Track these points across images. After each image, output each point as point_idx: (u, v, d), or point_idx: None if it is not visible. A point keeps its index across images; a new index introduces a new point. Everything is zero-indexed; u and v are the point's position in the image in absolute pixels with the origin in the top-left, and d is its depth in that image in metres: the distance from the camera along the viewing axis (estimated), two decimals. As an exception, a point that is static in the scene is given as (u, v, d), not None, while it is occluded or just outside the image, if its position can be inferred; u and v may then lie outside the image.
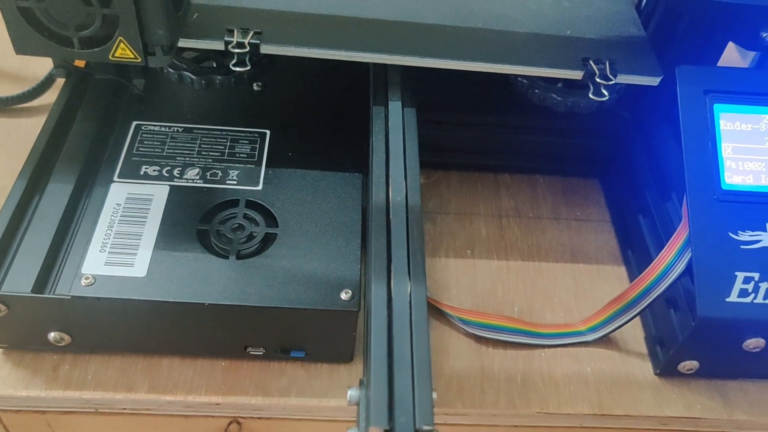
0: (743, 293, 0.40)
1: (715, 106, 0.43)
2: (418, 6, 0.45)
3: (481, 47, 0.43)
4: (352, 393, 0.32)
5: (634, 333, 0.46)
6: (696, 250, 0.40)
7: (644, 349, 0.45)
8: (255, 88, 0.50)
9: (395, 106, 0.43)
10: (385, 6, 0.45)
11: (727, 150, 0.42)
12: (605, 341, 0.45)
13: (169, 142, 0.46)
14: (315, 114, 0.49)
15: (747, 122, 0.43)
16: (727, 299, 0.39)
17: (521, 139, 0.54)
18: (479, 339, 0.45)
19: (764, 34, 0.45)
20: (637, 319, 0.47)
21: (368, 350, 0.32)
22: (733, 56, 0.69)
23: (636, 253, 0.49)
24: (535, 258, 0.50)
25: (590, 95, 0.43)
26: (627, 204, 0.51)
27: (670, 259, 0.42)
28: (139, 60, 0.38)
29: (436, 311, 0.46)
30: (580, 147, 0.54)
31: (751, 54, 0.71)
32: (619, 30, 0.46)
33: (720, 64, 0.50)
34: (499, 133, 0.53)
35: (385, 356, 0.31)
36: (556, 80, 0.45)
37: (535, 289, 0.48)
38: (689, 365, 0.43)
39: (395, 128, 0.42)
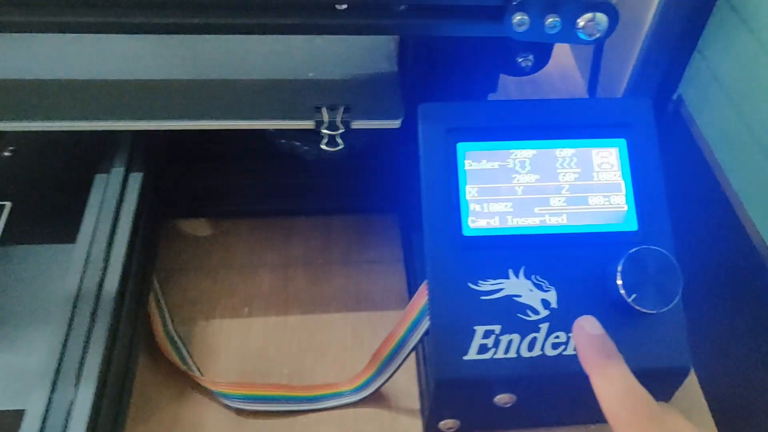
0: (483, 349, 0.37)
1: (459, 144, 0.40)
2: (148, 61, 0.42)
3: (211, 102, 0.40)
4: None
5: (410, 388, 0.44)
6: (433, 306, 0.38)
7: (418, 406, 0.43)
8: (6, 153, 0.47)
9: (118, 173, 0.40)
10: (110, 64, 0.42)
11: (471, 192, 0.39)
12: (377, 399, 0.43)
13: None
14: (63, 180, 0.46)
15: (494, 159, 0.40)
16: (465, 357, 0.37)
17: (311, 181, 0.51)
18: (241, 410, 0.42)
19: (519, 60, 0.43)
20: (414, 373, 0.44)
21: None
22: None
23: (414, 299, 0.47)
24: (317, 310, 0.47)
25: (322, 146, 0.40)
26: (407, 244, 0.49)
27: (417, 313, 0.39)
28: None
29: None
30: (373, 183, 0.51)
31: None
32: (369, 67, 0.43)
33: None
34: (286, 177, 0.51)
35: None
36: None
37: (310, 345, 0.45)
38: (450, 423, 0.40)
39: (111, 198, 0.39)
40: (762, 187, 0.75)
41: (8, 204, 0.44)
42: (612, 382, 0.31)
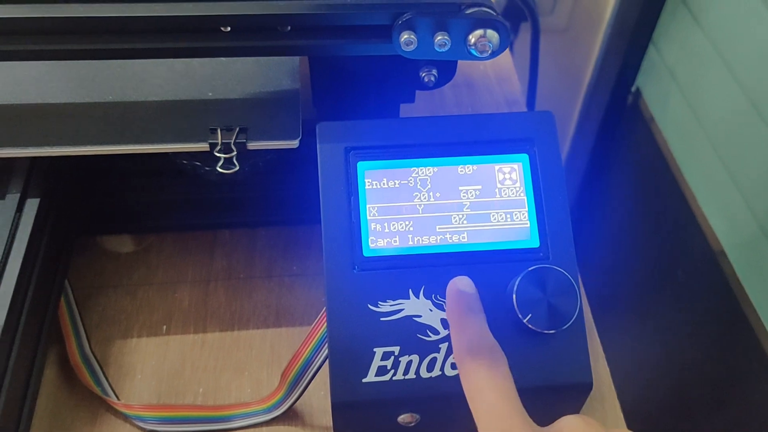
0: (382, 371, 0.37)
1: (359, 164, 0.40)
2: (42, 84, 0.42)
3: (107, 125, 0.40)
4: None
5: (325, 405, 0.44)
6: (332, 329, 0.37)
7: (331, 423, 0.43)
8: None
9: (12, 199, 0.40)
10: (3, 88, 0.41)
11: (372, 212, 0.39)
12: (290, 417, 0.43)
13: None
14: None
15: (394, 178, 0.40)
16: (364, 380, 0.37)
17: (235, 195, 0.51)
18: None
19: (422, 74, 0.42)
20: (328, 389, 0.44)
21: None
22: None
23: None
24: (236, 326, 0.47)
25: (218, 168, 0.39)
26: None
27: (321, 333, 0.39)
28: None
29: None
30: (299, 194, 0.51)
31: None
32: (270, 85, 0.43)
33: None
34: (209, 191, 0.50)
35: None
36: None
37: (228, 363, 0.45)
38: (358, 442, 0.40)
39: (3, 225, 0.39)
40: (713, 182, 0.75)
41: None
42: (464, 331, 0.33)
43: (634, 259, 0.96)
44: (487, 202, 0.39)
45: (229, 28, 0.36)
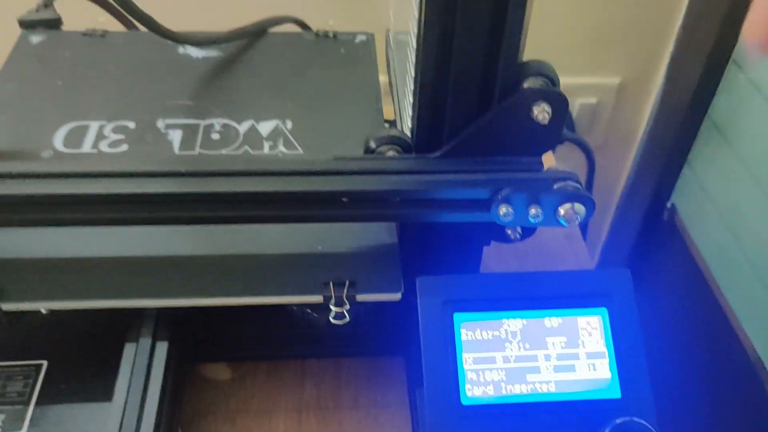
0: None
1: (455, 315, 0.44)
2: (168, 237, 0.47)
3: (227, 278, 0.45)
4: None
5: None
6: (434, 472, 0.41)
7: None
8: (43, 311, 0.51)
9: (145, 343, 0.44)
10: (135, 241, 0.46)
11: (468, 361, 0.43)
12: None
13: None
14: (95, 342, 0.50)
15: (488, 329, 0.44)
16: None
17: (324, 330, 0.55)
18: None
19: (509, 231, 0.47)
20: None
21: None
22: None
23: (419, 449, 0.50)
24: (328, 457, 0.51)
25: (331, 318, 0.44)
26: (411, 388, 0.52)
27: (421, 475, 0.43)
28: None
29: None
30: (381, 326, 0.55)
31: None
32: (372, 239, 0.47)
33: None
34: (298, 322, 0.55)
35: None
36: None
37: (323, 494, 0.49)
38: None
39: (140, 369, 0.43)
40: (754, 304, 0.79)
41: (45, 363, 0.48)
42: None
43: (674, 372, 0.98)
44: (572, 353, 0.43)
45: (346, 199, 0.41)
